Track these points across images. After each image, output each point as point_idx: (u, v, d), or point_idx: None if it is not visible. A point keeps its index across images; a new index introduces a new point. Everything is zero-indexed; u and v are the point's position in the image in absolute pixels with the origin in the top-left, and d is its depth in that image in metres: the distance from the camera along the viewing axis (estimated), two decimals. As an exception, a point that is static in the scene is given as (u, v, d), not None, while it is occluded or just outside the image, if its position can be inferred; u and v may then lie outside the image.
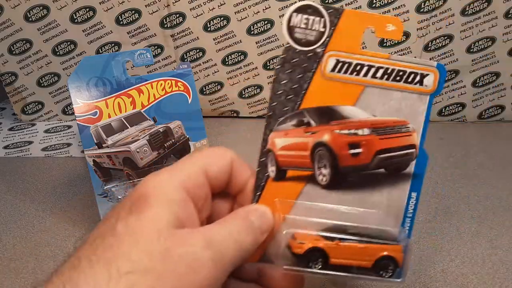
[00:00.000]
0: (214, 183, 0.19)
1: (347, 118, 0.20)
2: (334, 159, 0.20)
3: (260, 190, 0.20)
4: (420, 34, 0.52)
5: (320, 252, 0.19)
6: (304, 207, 0.20)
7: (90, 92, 0.40)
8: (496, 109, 0.57)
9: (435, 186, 0.44)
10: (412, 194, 0.21)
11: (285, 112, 0.20)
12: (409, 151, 0.20)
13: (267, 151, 0.20)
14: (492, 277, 0.32)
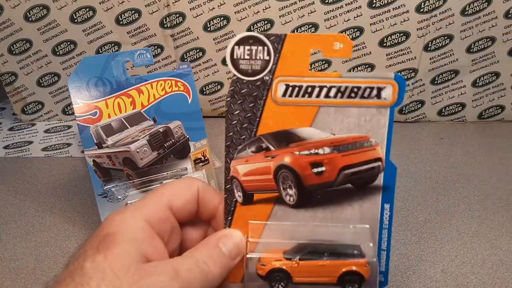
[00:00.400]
0: (181, 214, 0.20)
1: (306, 140, 0.21)
2: (298, 179, 0.20)
3: (230, 214, 0.21)
4: (420, 34, 0.52)
5: (281, 273, 0.19)
6: (275, 228, 0.21)
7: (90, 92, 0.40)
8: (496, 109, 0.57)
9: (435, 186, 0.44)
10: (385, 205, 0.21)
11: (243, 140, 0.21)
12: (374, 164, 0.21)
13: (231, 178, 0.21)
14: (492, 277, 0.32)
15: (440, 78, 0.55)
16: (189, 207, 0.20)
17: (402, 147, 0.52)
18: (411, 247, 0.35)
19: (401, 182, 0.45)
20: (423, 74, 0.55)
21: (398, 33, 0.52)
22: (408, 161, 0.49)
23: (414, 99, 0.57)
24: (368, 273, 0.19)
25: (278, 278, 0.20)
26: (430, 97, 0.57)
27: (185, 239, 0.21)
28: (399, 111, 0.58)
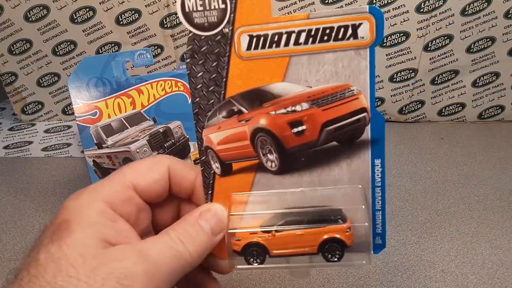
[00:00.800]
0: (148, 194, 0.19)
1: (280, 97, 0.19)
2: (278, 142, 0.18)
3: (210, 188, 0.19)
4: (420, 34, 0.52)
5: (257, 247, 0.18)
6: (260, 197, 0.19)
7: (90, 92, 0.40)
8: (496, 109, 0.57)
9: (435, 186, 0.44)
10: (375, 161, 0.18)
11: (211, 105, 0.19)
12: (359, 116, 0.18)
13: (206, 148, 0.19)
14: (492, 277, 0.32)
15: (440, 78, 0.55)
16: (157, 187, 0.19)
17: (402, 147, 0.52)
18: (410, 247, 0.35)
19: (401, 182, 0.45)
20: (423, 74, 0.55)
21: (398, 33, 0.52)
22: (408, 161, 0.49)
23: (414, 99, 0.57)
24: (350, 239, 0.18)
25: (255, 252, 0.18)
26: (430, 97, 0.57)
27: (160, 219, 0.20)
28: (399, 111, 0.58)
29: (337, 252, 0.18)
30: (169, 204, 0.21)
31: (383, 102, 0.57)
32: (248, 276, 0.32)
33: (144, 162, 0.19)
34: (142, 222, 0.19)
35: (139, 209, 0.19)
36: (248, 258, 0.18)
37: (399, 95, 0.57)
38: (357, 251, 0.18)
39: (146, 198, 0.19)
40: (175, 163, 0.19)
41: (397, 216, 0.39)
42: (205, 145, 0.19)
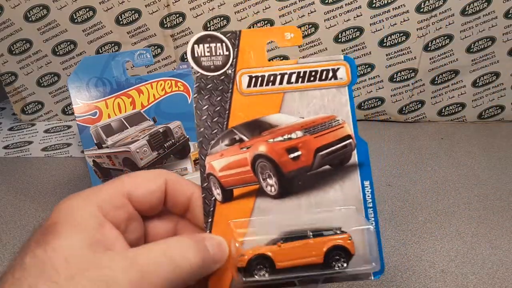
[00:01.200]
0: (142, 205, 0.19)
1: (277, 126, 0.21)
2: (276, 167, 0.20)
3: (210, 216, 0.20)
4: (420, 34, 0.52)
5: (263, 259, 0.18)
6: (260, 223, 0.20)
7: (90, 92, 0.40)
8: (496, 109, 0.57)
9: (435, 186, 0.44)
10: (364, 183, 0.21)
11: (215, 134, 0.21)
12: (346, 142, 0.21)
13: (208, 175, 0.21)
14: (491, 277, 0.32)
15: (440, 78, 0.55)
16: (152, 198, 0.19)
17: (402, 147, 0.52)
18: (411, 247, 0.35)
19: (401, 182, 0.45)
20: (423, 74, 0.55)
21: (398, 33, 0.52)
22: (408, 161, 0.49)
23: (414, 99, 0.57)
24: (353, 247, 0.19)
25: (260, 265, 0.18)
26: (430, 97, 0.57)
27: (154, 233, 0.20)
28: (399, 111, 0.58)
29: (342, 260, 0.19)
30: (165, 219, 0.21)
31: (383, 102, 0.57)
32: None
33: (143, 173, 0.19)
34: (132, 232, 0.19)
35: (130, 218, 0.18)
36: (254, 272, 0.19)
37: (399, 95, 0.57)
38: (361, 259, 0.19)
39: (139, 208, 0.19)
40: (173, 177, 0.20)
41: (397, 216, 0.39)
42: (208, 172, 0.21)
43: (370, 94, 0.57)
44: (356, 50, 0.54)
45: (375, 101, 0.57)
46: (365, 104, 0.58)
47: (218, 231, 0.20)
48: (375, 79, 0.56)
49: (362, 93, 0.57)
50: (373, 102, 0.57)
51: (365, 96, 0.57)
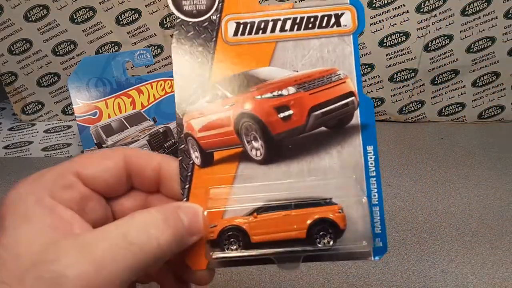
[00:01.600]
0: (97, 183, 0.17)
1: (266, 81, 0.18)
2: (264, 128, 0.17)
3: (188, 181, 0.17)
4: (420, 34, 0.52)
5: (235, 231, 0.16)
6: (244, 191, 0.17)
7: (90, 92, 0.40)
8: (496, 109, 0.57)
9: (435, 186, 0.44)
10: (367, 148, 0.18)
11: (195, 90, 0.18)
12: (347, 100, 0.18)
13: (186, 135, 0.18)
14: (491, 277, 0.32)
15: (440, 78, 0.55)
16: (106, 176, 0.17)
17: (402, 147, 0.52)
18: (410, 247, 0.35)
19: (401, 182, 0.45)
20: (423, 74, 0.55)
21: (398, 33, 0.52)
22: (408, 161, 0.49)
23: (414, 99, 0.57)
24: (343, 221, 0.16)
25: (233, 238, 0.16)
26: (430, 97, 0.57)
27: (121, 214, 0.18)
28: (399, 111, 0.58)
29: (330, 235, 0.16)
30: (136, 197, 0.18)
31: (383, 102, 0.57)
32: (248, 276, 0.32)
33: (97, 152, 0.18)
34: (91, 212, 0.17)
35: (84, 197, 0.17)
36: (225, 244, 0.16)
37: (399, 95, 0.57)
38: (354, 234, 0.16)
39: (95, 187, 0.17)
40: (134, 152, 0.18)
41: (397, 216, 0.39)
42: (185, 132, 0.18)
43: (370, 94, 0.57)
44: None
45: (375, 101, 0.57)
46: (365, 104, 0.57)
47: (196, 199, 0.17)
48: (375, 79, 0.56)
49: (362, 93, 0.57)
50: (373, 102, 0.57)
51: (365, 96, 0.57)
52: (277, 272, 0.32)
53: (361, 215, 0.17)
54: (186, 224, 0.16)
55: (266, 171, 0.17)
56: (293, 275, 0.32)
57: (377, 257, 0.17)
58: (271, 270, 0.32)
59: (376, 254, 0.17)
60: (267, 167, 0.17)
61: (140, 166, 0.18)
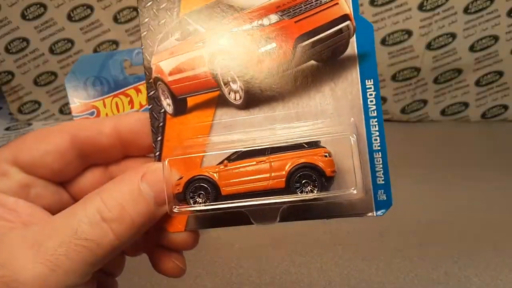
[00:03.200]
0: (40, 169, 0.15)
1: (244, 9, 0.15)
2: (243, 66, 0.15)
3: (160, 133, 0.15)
4: (422, 32, 0.51)
5: (203, 182, 0.14)
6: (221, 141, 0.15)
7: (88, 91, 0.39)
8: (499, 108, 0.56)
9: (438, 187, 0.43)
10: (366, 82, 0.15)
11: (163, 26, 0.15)
12: (341, 25, 0.15)
13: (155, 80, 0.16)
14: (495, 279, 0.32)
15: (443, 77, 0.55)
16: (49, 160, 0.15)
17: (404, 147, 0.51)
18: (413, 249, 0.35)
19: (403, 182, 0.44)
20: (425, 73, 0.54)
21: (400, 31, 0.52)
22: (410, 161, 0.48)
23: (416, 99, 0.56)
24: (330, 167, 0.14)
25: (201, 190, 0.14)
26: (433, 96, 0.56)
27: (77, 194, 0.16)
28: (401, 110, 0.57)
29: (312, 184, 0.13)
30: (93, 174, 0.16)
31: (385, 101, 0.57)
32: (248, 277, 0.32)
33: (37, 134, 0.15)
34: (37, 199, 0.15)
35: (23, 186, 0.15)
36: (191, 197, 0.14)
37: (401, 94, 0.56)
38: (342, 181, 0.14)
39: (37, 174, 0.15)
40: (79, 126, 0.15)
41: (399, 217, 0.39)
42: (154, 76, 0.16)
43: (372, 93, 0.56)
44: (358, 48, 0.53)
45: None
46: (367, 103, 0.57)
47: (169, 152, 0.15)
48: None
49: (363, 92, 0.56)
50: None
51: (367, 95, 0.56)
52: (277, 274, 0.32)
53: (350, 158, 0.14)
54: (151, 197, 0.14)
55: (246, 117, 0.15)
56: (294, 277, 0.31)
57: (380, 211, 0.14)
58: (271, 271, 0.32)
59: (378, 208, 0.15)
60: (248, 112, 0.15)
61: (90, 139, 0.15)
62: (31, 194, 0.15)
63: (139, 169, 0.14)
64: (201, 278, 0.31)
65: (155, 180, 0.14)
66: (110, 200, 0.13)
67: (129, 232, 0.13)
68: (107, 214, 0.13)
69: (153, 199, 0.14)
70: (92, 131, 0.16)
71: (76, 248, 0.12)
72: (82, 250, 0.12)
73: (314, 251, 0.34)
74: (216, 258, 0.33)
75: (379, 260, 0.33)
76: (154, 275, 0.31)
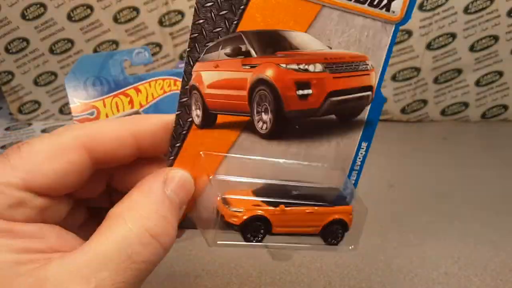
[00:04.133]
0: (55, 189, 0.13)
1: (297, 49, 0.16)
2: (279, 101, 0.16)
3: (180, 140, 0.15)
4: (422, 32, 0.51)
5: (261, 221, 0.15)
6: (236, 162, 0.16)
7: (88, 91, 0.39)
8: (499, 108, 0.56)
9: (438, 187, 0.43)
10: (362, 144, 0.18)
11: (217, 34, 0.15)
12: (365, 93, 0.17)
13: (191, 88, 0.16)
14: (495, 279, 0.31)
15: (443, 77, 0.55)
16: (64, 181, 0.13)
17: (405, 147, 0.51)
18: (413, 249, 0.35)
19: (404, 182, 0.44)
20: (425, 73, 0.54)
21: (400, 31, 0.52)
22: (410, 161, 0.48)
23: (416, 99, 0.56)
24: (351, 222, 0.17)
25: (255, 228, 0.15)
26: (433, 96, 0.56)
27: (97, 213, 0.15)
28: (401, 110, 0.57)
29: (339, 234, 0.17)
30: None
31: (385, 101, 0.57)
32: (248, 278, 0.32)
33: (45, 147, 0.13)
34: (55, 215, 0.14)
35: (44, 209, 0.13)
36: (248, 234, 0.15)
37: (401, 94, 0.56)
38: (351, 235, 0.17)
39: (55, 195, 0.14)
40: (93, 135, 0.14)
41: (399, 217, 0.39)
42: (192, 83, 0.16)
43: (372, 93, 0.56)
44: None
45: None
46: (367, 103, 0.57)
47: (183, 160, 0.15)
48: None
49: (363, 92, 0.56)
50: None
51: (367, 95, 0.56)
52: (277, 274, 0.32)
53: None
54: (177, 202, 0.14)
55: (264, 147, 0.17)
56: (294, 277, 0.31)
57: None
58: (271, 271, 0.32)
59: None
60: (267, 143, 0.17)
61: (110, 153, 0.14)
62: (48, 214, 0.14)
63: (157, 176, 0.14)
64: (201, 278, 0.31)
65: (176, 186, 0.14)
66: (151, 214, 0.13)
67: (173, 240, 0.13)
68: (156, 230, 0.13)
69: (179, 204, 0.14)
70: (112, 143, 0.14)
71: (132, 273, 0.12)
72: (139, 274, 0.12)
73: (313, 252, 0.34)
74: (216, 258, 0.33)
75: (380, 261, 0.33)
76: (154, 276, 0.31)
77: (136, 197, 0.13)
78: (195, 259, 0.32)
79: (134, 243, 0.12)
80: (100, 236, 0.12)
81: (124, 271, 0.12)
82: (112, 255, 0.12)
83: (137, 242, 0.12)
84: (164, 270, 0.31)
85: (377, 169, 0.46)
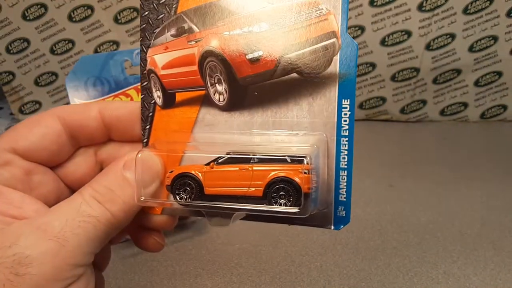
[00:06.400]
0: (37, 153, 0.16)
1: (237, 14, 0.16)
2: (229, 69, 0.16)
3: (148, 122, 0.16)
4: (422, 33, 0.52)
5: (189, 179, 0.15)
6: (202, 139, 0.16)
7: (88, 91, 0.39)
8: (498, 108, 0.56)
9: (437, 186, 0.43)
10: (343, 102, 0.15)
11: (161, 20, 0.16)
12: (327, 42, 0.15)
13: (149, 72, 0.17)
14: (494, 278, 0.32)
15: (442, 77, 0.55)
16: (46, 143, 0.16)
17: (404, 147, 0.51)
18: (413, 249, 0.35)
19: (403, 182, 0.44)
20: (425, 73, 0.55)
21: (399, 32, 0.52)
22: (409, 161, 0.48)
23: (416, 99, 0.56)
24: (307, 184, 0.14)
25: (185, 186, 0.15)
26: (432, 96, 0.56)
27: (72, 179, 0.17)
28: (401, 110, 0.58)
29: (287, 198, 0.14)
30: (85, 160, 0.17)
31: (385, 101, 0.57)
32: (248, 277, 0.32)
33: (29, 121, 0.16)
34: (39, 186, 0.16)
35: (27, 172, 0.16)
36: (176, 191, 0.15)
37: (401, 94, 0.56)
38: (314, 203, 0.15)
39: (37, 159, 0.16)
40: (66, 110, 0.16)
41: (399, 217, 0.39)
42: (148, 68, 0.17)
43: (372, 93, 0.56)
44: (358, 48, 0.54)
45: (376, 101, 0.57)
46: (366, 103, 0.57)
47: (156, 140, 0.16)
48: (376, 78, 0.55)
49: (363, 92, 0.56)
50: (375, 102, 0.57)
51: (367, 95, 0.56)
52: (277, 274, 0.32)
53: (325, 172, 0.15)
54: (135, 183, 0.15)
55: (228, 119, 0.16)
56: (294, 277, 0.32)
57: (337, 226, 0.15)
58: (271, 271, 0.32)
59: (337, 223, 0.15)
60: (229, 114, 0.16)
61: (78, 121, 0.17)
62: (34, 182, 0.16)
63: (120, 160, 0.16)
64: (201, 278, 0.31)
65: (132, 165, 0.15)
66: (100, 187, 0.15)
67: (123, 211, 0.15)
68: (101, 197, 0.15)
69: (141, 181, 0.15)
70: (80, 114, 0.17)
71: (80, 224, 0.14)
72: (86, 226, 0.14)
73: (313, 251, 0.34)
74: (216, 258, 0.33)
75: (379, 260, 0.33)
76: (154, 275, 0.31)
77: (97, 177, 0.16)
78: (195, 259, 0.33)
79: (83, 204, 0.14)
80: (60, 203, 0.15)
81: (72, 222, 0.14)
82: (63, 210, 0.14)
83: (85, 204, 0.14)
84: (164, 269, 0.31)
85: (377, 169, 0.46)
